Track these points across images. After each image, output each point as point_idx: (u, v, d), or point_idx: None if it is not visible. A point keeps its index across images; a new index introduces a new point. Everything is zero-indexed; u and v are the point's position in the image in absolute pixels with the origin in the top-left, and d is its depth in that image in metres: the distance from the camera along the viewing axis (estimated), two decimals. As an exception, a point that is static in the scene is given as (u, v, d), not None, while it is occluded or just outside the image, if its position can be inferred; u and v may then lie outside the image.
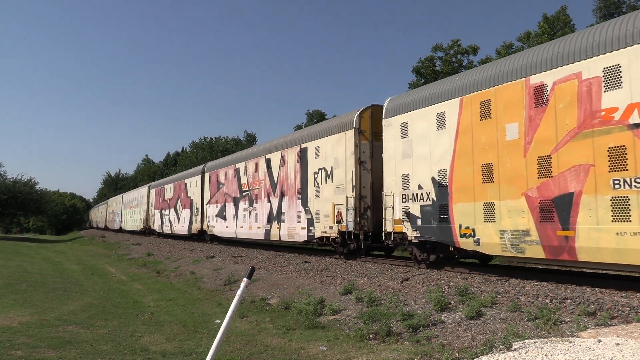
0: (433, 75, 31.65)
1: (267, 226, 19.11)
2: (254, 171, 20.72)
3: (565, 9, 27.22)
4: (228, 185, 23.43)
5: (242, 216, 21.58)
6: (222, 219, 23.98)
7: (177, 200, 32.40)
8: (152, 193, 40.45)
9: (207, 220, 26.20)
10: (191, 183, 29.59)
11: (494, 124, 9.70)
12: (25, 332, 7.55)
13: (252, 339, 7.47)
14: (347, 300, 9.43)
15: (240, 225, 21.74)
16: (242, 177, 21.95)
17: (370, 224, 13.72)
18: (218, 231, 24.60)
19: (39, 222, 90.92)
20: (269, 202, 19.12)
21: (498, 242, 9.38)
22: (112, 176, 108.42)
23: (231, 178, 23.13)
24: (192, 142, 72.51)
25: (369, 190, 13.93)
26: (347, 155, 14.22)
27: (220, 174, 24.67)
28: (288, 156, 17.90)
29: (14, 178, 55.01)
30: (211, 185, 25.95)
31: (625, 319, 6.34)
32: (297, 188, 16.92)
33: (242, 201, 21.68)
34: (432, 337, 6.77)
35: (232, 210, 22.77)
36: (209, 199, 26.13)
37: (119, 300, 12.07)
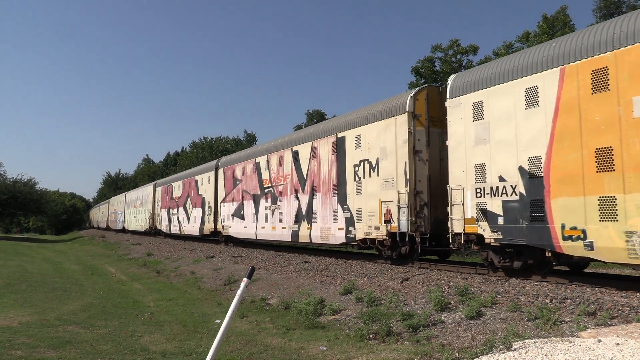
0: (433, 76, 31.65)
1: (294, 226, 17.07)
2: (278, 165, 18.58)
3: (565, 9, 27.24)
4: (246, 182, 21.28)
5: (264, 215, 19.39)
6: (239, 219, 21.82)
7: (186, 198, 30.16)
8: (158, 191, 38.18)
9: (221, 219, 23.99)
10: (203, 180, 27.33)
11: (614, 97, 7.81)
12: (25, 332, 7.55)
13: (252, 339, 7.47)
14: (347, 300, 9.43)
15: (261, 226, 19.65)
16: (263, 173, 19.76)
17: (427, 224, 11.91)
18: (234, 232, 22.48)
19: (39, 222, 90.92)
20: (296, 200, 17.07)
21: (623, 246, 7.50)
22: (112, 176, 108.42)
23: (250, 174, 20.95)
24: (192, 142, 72.58)
25: (425, 185, 12.08)
26: (398, 144, 12.34)
27: (237, 170, 22.43)
28: (320, 147, 15.85)
29: (14, 178, 55.04)
30: (226, 182, 23.77)
31: (625, 319, 6.34)
32: (333, 183, 14.93)
33: (263, 199, 19.55)
34: (432, 337, 6.77)
35: (251, 209, 20.62)
36: (223, 197, 23.94)
37: (119, 300, 12.07)
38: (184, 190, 30.79)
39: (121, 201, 55.86)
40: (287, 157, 18.08)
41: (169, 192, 34.78)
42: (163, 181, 38.90)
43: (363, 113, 14.25)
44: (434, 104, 12.51)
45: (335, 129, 15.47)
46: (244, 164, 21.82)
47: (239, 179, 22.19)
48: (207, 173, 26.91)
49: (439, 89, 12.92)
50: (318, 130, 16.63)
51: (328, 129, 15.94)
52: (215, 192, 25.14)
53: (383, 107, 13.35)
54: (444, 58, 32.22)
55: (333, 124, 15.94)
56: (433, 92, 12.72)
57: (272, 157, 19.30)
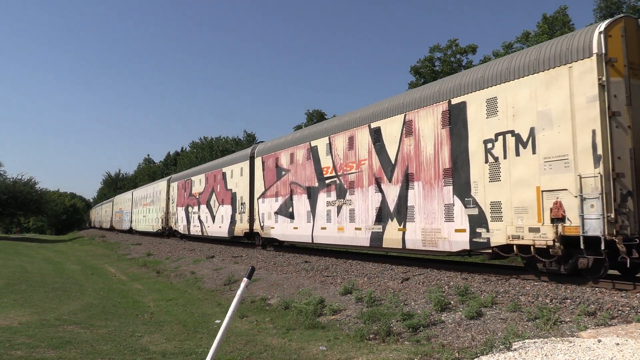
0: (432, 75, 31.67)
1: (375, 227, 13.18)
2: (347, 148, 14.68)
3: (565, 9, 27.25)
4: (296, 172, 17.50)
5: (324, 213, 15.55)
6: (286, 217, 18.05)
7: (210, 194, 26.26)
8: (173, 187, 34.07)
9: (260, 219, 20.17)
10: (233, 172, 23.41)
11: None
12: (25, 332, 7.55)
13: (252, 339, 7.47)
14: (347, 300, 9.43)
15: (320, 226, 15.73)
16: (322, 159, 15.94)
17: (634, 223, 8.08)
18: (279, 233, 18.74)
19: (39, 222, 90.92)
20: (378, 192, 13.18)
21: None
22: (112, 176, 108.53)
23: (302, 161, 17.18)
24: (192, 142, 72.65)
25: (627, 163, 8.12)
26: (578, 105, 8.52)
27: (282, 158, 18.66)
28: (420, 120, 11.97)
29: (14, 178, 55.09)
30: (266, 173, 19.93)
31: (625, 319, 6.34)
32: (444, 168, 11.14)
33: (323, 192, 15.74)
34: (432, 337, 6.77)
35: (304, 205, 16.85)
36: (262, 192, 20.09)
37: (119, 300, 12.07)
38: (207, 185, 26.92)
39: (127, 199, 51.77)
40: (362, 137, 14.06)
41: (187, 187, 30.71)
42: (179, 176, 34.41)
43: (499, 67, 10.39)
44: (634, 44, 8.57)
45: (446, 94, 11.46)
46: (293, 149, 17.93)
47: (286, 169, 18.35)
48: (238, 164, 22.96)
49: None
50: (415, 99, 12.47)
51: (432, 96, 11.84)
52: (251, 185, 21.26)
53: (543, 53, 9.45)
54: (443, 58, 32.25)
55: (441, 88, 11.73)
56: (631, 26, 8.69)
57: (336, 138, 15.34)
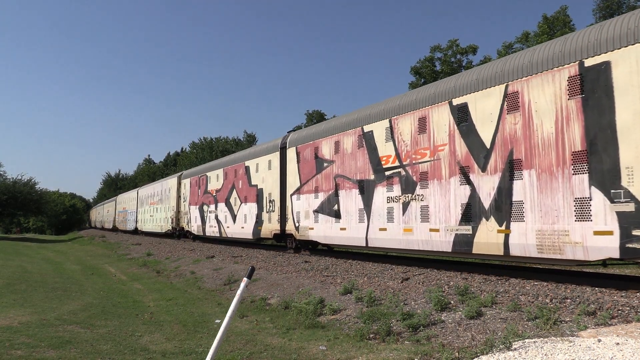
0: (433, 75, 31.70)
1: (461, 228, 10.75)
2: (416, 132, 12.13)
3: (565, 9, 27.27)
4: (344, 163, 14.99)
5: (384, 211, 13.05)
6: (329, 217, 15.50)
7: (230, 191, 23.65)
8: (185, 184, 31.57)
9: (294, 218, 17.58)
10: (259, 165, 20.73)
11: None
12: (25, 332, 7.55)
13: (252, 339, 7.47)
14: (347, 300, 9.43)
15: (378, 226, 13.18)
16: (380, 146, 13.39)
17: None
18: (320, 234, 15.99)
19: (39, 222, 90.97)
20: (465, 184, 10.75)
21: None
22: (112, 176, 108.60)
23: (351, 150, 14.61)
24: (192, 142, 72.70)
25: None
26: None
27: (324, 147, 16.12)
28: (530, 92, 9.51)
29: (14, 178, 55.13)
30: (302, 165, 17.36)
31: (625, 318, 6.34)
32: (573, 151, 8.74)
33: (381, 186, 13.20)
34: (432, 336, 6.77)
35: (354, 202, 14.33)
36: (297, 187, 17.50)
37: (119, 300, 12.07)
38: (226, 181, 24.29)
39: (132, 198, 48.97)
40: (440, 118, 11.42)
41: (201, 184, 28.18)
42: (192, 172, 31.66)
43: None
44: None
45: (574, 54, 8.82)
46: (339, 137, 15.37)
47: (328, 160, 15.78)
48: (266, 156, 20.27)
49: None
50: (522, 65, 9.84)
51: (552, 58, 9.22)
52: (282, 180, 18.70)
53: None
54: (444, 58, 32.28)
55: (566, 47, 9.03)
56: None
57: (400, 121, 12.71)
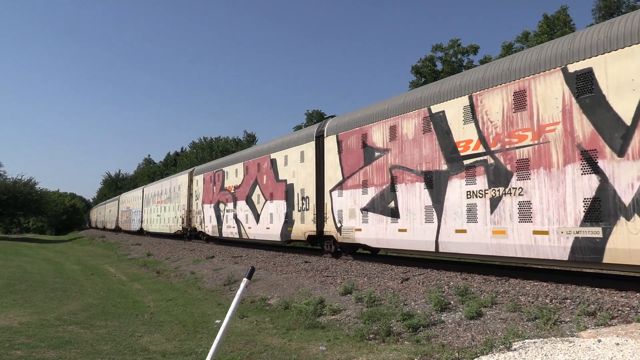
0: (433, 75, 31.70)
1: (585, 230, 8.23)
2: (511, 110, 9.75)
3: (565, 9, 27.28)
4: (402, 151, 12.49)
5: (462, 208, 10.59)
6: (381, 215, 12.97)
7: (252, 187, 21.02)
8: (197, 181, 29.09)
9: (335, 217, 14.98)
10: (288, 158, 18.07)
11: None
12: (25, 332, 7.55)
13: (252, 339, 7.47)
14: (347, 300, 9.43)
15: (454, 227, 10.77)
16: (456, 130, 10.93)
17: None
18: (372, 237, 13.40)
19: (39, 222, 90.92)
20: (590, 173, 8.22)
21: None
22: (112, 176, 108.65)
23: (414, 135, 12.12)
24: (192, 142, 72.73)
25: None
26: None
27: (375, 133, 13.48)
28: None
29: (14, 178, 55.21)
30: (345, 155, 14.71)
31: (625, 319, 6.34)
32: None
33: (458, 177, 10.80)
34: (432, 337, 6.77)
35: (418, 198, 11.87)
36: (339, 181, 14.88)
37: (118, 300, 12.07)
38: (247, 177, 21.72)
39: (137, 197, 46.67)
40: (548, 90, 9.05)
41: (217, 180, 25.74)
42: (206, 167, 29.02)
43: None
44: None
45: None
46: (395, 120, 12.79)
47: (381, 148, 13.23)
48: (297, 147, 17.55)
49: None
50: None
51: None
52: (319, 174, 16.09)
53: None
54: (444, 58, 32.29)
55: None
56: None
57: (486, 97, 10.30)
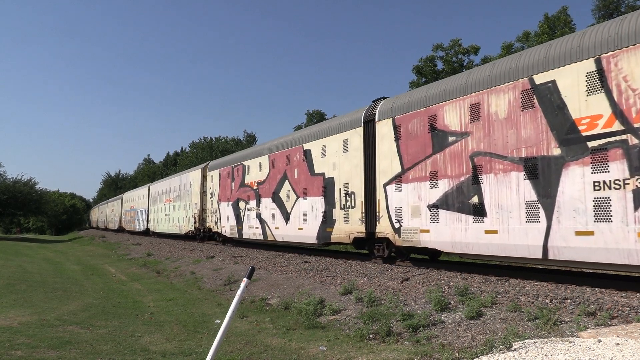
0: (434, 75, 31.71)
1: None
2: None
3: (566, 9, 27.28)
4: (489, 134, 10.07)
5: (585, 203, 8.20)
6: (459, 213, 10.63)
7: (280, 182, 18.59)
8: (212, 177, 26.43)
9: (392, 216, 12.57)
10: (326, 148, 15.67)
11: None
12: (25, 332, 7.55)
13: (252, 339, 7.47)
14: (347, 300, 9.43)
15: (572, 228, 8.38)
16: (573, 103, 8.54)
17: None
18: (443, 239, 11.05)
19: (39, 222, 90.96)
20: None
21: None
22: (111, 176, 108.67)
23: (506, 114, 9.76)
24: (192, 142, 72.76)
25: None
26: None
27: (448, 114, 11.10)
28: None
29: (14, 178, 55.24)
30: (405, 143, 12.34)
31: (625, 319, 6.34)
32: None
33: (577, 164, 8.37)
34: (432, 337, 6.77)
35: (512, 191, 9.50)
36: (397, 174, 12.49)
37: (119, 300, 12.07)
38: (274, 171, 19.19)
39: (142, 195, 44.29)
40: None
41: (235, 175, 23.18)
42: (221, 162, 26.20)
43: None
44: None
45: None
46: (478, 97, 10.40)
47: (457, 132, 10.85)
48: (339, 134, 15.07)
49: None
50: None
51: None
52: (368, 165, 13.70)
53: None
54: (445, 57, 32.29)
55: None
56: None
57: (624, 59, 7.87)
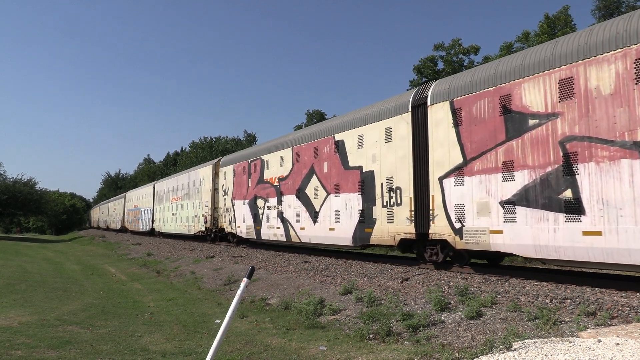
0: (434, 75, 31.70)
1: None
2: None
3: (567, 8, 27.27)
4: (588, 113, 8.34)
5: None
6: (543, 211, 8.90)
7: (306, 177, 16.82)
8: (225, 173, 24.61)
9: (450, 215, 10.78)
10: (363, 138, 13.88)
11: None
12: (25, 332, 7.55)
13: (252, 339, 7.47)
14: (347, 300, 9.43)
15: None
16: None
17: None
18: (522, 242, 9.25)
19: (39, 222, 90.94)
20: None
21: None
22: (111, 176, 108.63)
23: (613, 89, 8.03)
24: (192, 142, 72.77)
25: None
26: None
27: (528, 92, 9.35)
28: None
29: (14, 178, 55.28)
30: (467, 129, 10.60)
31: (625, 319, 6.34)
32: None
33: None
34: (432, 337, 6.77)
35: (624, 182, 7.75)
36: (457, 165, 10.77)
37: (119, 300, 12.07)
38: (298, 165, 17.47)
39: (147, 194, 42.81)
40: None
41: (252, 171, 21.30)
42: (236, 157, 24.29)
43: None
44: None
45: None
46: (571, 69, 8.70)
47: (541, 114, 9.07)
48: (380, 122, 13.34)
49: None
50: None
51: None
52: (418, 156, 11.92)
53: None
54: (446, 57, 32.30)
55: None
56: None
57: None
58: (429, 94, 11.81)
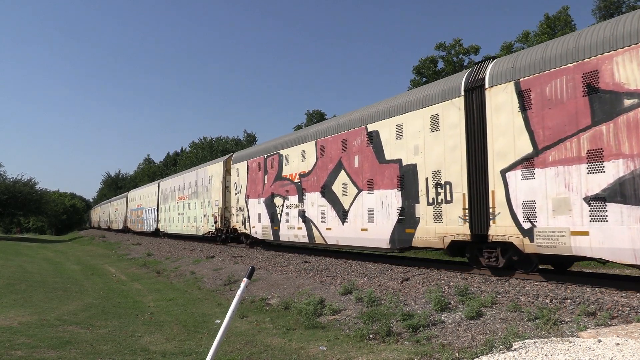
0: (434, 76, 31.71)
1: None
2: None
3: (567, 9, 27.28)
4: None
5: None
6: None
7: (333, 173, 15.16)
8: (238, 170, 22.72)
9: (518, 213, 9.23)
10: (403, 128, 12.36)
11: None
12: (25, 332, 7.55)
13: (252, 339, 7.47)
14: (347, 300, 9.43)
15: None
16: None
17: None
18: (619, 245, 7.59)
19: (39, 222, 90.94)
20: None
21: None
22: (111, 176, 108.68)
23: None
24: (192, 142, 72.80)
25: None
26: None
27: (622, 67, 7.77)
28: None
29: (14, 178, 55.30)
30: (536, 113, 9.06)
31: (625, 319, 6.34)
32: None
33: None
34: (432, 337, 6.77)
35: None
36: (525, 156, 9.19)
37: (119, 300, 12.07)
38: (323, 159, 15.81)
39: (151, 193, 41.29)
40: None
41: (268, 167, 19.55)
42: (250, 152, 22.49)
43: None
44: None
45: None
46: None
47: (638, 92, 7.63)
48: (424, 109, 11.76)
49: None
50: None
51: None
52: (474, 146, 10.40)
53: None
54: (446, 57, 32.30)
55: None
56: None
57: None
58: (487, 75, 10.19)
